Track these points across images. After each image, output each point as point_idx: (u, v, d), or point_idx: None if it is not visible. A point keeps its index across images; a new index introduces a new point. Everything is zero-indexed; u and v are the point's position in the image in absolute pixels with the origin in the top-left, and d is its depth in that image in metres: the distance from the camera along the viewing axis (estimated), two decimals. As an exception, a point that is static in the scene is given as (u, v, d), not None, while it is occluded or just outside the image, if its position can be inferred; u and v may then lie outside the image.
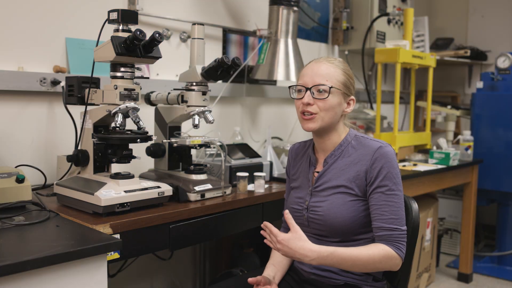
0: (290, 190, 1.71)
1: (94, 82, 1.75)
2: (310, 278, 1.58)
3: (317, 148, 1.63)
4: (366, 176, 1.50)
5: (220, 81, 2.25)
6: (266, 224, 1.43)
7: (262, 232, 1.45)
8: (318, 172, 1.60)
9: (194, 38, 1.87)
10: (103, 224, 1.44)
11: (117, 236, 1.47)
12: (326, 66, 1.53)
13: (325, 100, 1.50)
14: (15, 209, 1.54)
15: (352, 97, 1.58)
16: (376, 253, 1.42)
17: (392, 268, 1.46)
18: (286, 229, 1.75)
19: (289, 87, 1.59)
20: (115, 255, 1.45)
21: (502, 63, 3.46)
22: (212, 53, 2.64)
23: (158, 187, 1.67)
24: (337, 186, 1.53)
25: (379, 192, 1.47)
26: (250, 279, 1.50)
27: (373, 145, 1.52)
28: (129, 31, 1.61)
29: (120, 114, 1.61)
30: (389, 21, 3.49)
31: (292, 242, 1.38)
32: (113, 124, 1.62)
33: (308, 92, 1.51)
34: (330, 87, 1.50)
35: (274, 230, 1.41)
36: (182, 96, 1.88)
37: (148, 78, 1.80)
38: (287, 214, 1.44)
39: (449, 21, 4.48)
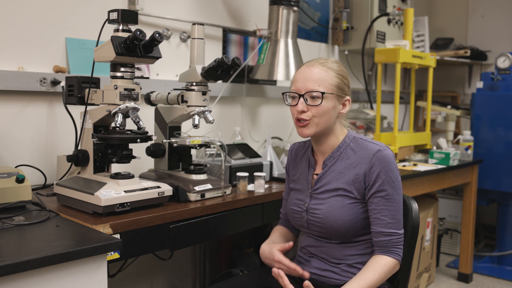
0: (289, 189, 1.71)
1: (94, 82, 1.75)
2: (310, 278, 1.58)
3: (316, 150, 1.63)
4: (364, 179, 1.49)
5: (220, 81, 2.24)
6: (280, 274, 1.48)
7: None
8: (317, 174, 1.60)
9: (194, 38, 1.87)
10: (103, 224, 1.44)
11: (117, 236, 1.47)
12: (318, 70, 1.51)
13: (318, 106, 1.49)
14: (15, 209, 1.54)
15: (348, 97, 1.56)
16: (381, 271, 1.44)
17: (394, 272, 1.50)
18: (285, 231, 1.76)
19: (283, 93, 1.58)
20: (115, 255, 1.45)
21: (502, 63, 3.46)
22: (212, 53, 2.64)
23: (158, 187, 1.67)
24: (336, 189, 1.53)
25: (379, 197, 1.47)
26: (274, 270, 1.49)
27: (371, 148, 1.51)
28: (129, 31, 1.61)
29: (120, 114, 1.61)
30: (389, 21, 3.49)
31: None
32: (113, 124, 1.62)
33: (302, 99, 1.50)
34: (323, 93, 1.48)
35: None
36: (182, 96, 1.88)
37: (148, 78, 1.80)
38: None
39: (449, 21, 4.48)
